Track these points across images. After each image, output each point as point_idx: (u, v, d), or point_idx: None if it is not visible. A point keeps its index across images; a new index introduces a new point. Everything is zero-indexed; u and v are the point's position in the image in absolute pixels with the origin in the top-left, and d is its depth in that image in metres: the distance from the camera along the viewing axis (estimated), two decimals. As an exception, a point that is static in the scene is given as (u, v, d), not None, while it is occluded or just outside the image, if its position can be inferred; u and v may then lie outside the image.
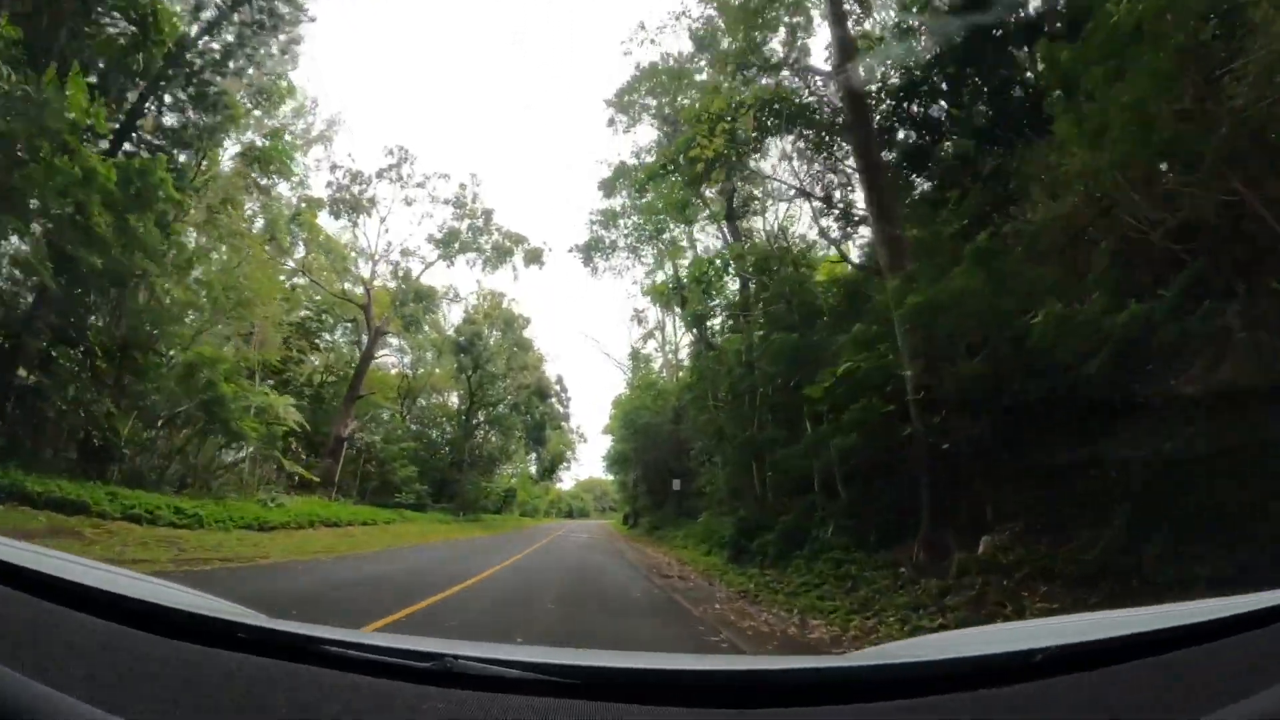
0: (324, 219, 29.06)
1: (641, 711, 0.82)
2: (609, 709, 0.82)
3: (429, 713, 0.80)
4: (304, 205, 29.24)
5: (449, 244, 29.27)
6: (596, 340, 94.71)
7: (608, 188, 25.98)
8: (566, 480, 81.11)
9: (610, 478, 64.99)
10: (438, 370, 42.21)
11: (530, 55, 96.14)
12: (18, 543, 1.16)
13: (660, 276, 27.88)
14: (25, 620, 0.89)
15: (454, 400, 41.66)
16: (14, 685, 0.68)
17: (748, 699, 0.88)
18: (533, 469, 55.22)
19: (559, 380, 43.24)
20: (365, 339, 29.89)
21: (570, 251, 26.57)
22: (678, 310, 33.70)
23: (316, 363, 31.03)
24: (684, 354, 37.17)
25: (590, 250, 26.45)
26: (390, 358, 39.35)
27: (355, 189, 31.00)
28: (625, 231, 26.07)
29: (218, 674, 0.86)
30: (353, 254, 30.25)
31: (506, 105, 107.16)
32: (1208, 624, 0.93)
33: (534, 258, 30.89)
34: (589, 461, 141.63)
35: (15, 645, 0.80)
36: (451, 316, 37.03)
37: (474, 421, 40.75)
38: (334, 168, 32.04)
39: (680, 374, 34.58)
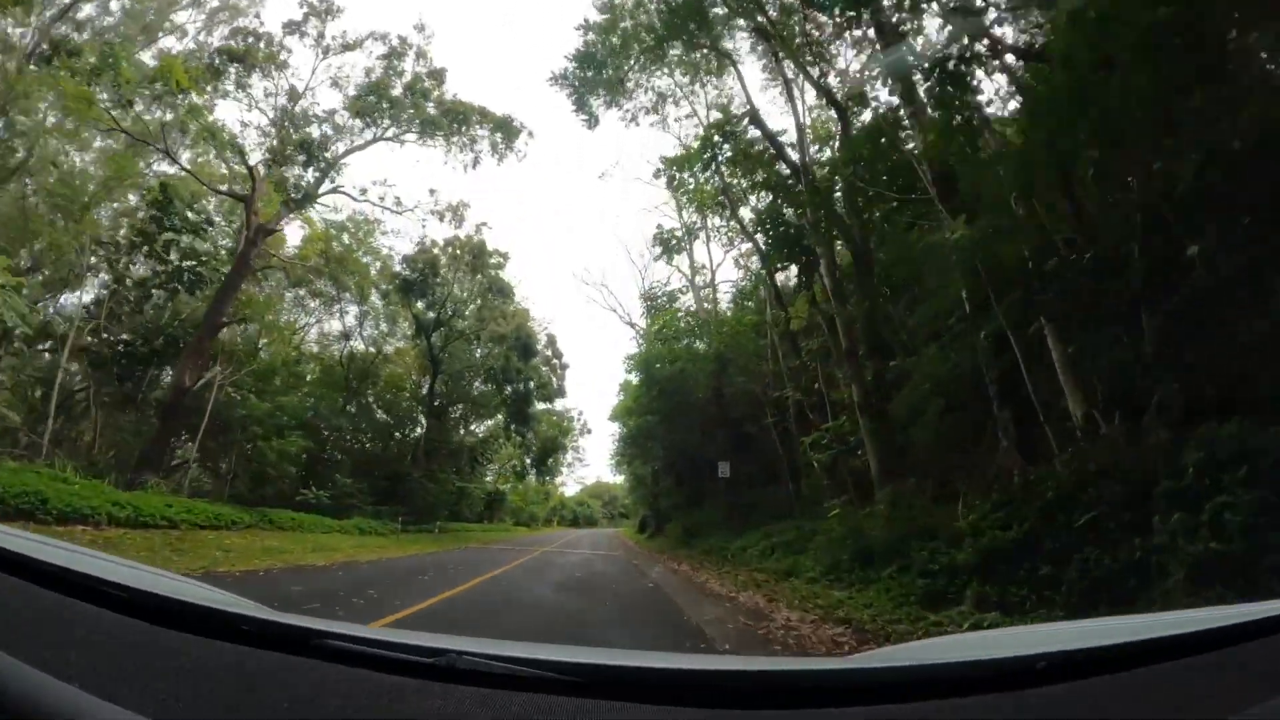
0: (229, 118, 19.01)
1: (645, 710, 0.80)
2: (613, 707, 0.81)
3: (431, 709, 0.79)
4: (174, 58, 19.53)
5: (375, 94, 19.07)
6: (603, 287, 63.66)
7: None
8: (571, 485, 70.46)
9: (619, 479, 54.14)
10: (396, 342, 32.04)
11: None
12: (21, 533, 1.16)
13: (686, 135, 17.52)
14: (28, 610, 0.89)
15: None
16: (16, 674, 0.67)
17: (750, 699, 0.86)
18: (529, 467, 44.52)
19: (550, 342, 32.72)
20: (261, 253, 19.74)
21: (551, 83, 16.27)
22: (711, 221, 23.44)
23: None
24: (725, 296, 26.72)
25: (583, 77, 16.11)
26: (334, 324, 29.41)
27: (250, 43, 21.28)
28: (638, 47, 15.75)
29: (220, 666, 0.85)
30: (241, 128, 20.20)
31: None
32: (1214, 631, 0.91)
33: (503, 133, 20.66)
34: (595, 463, 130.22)
35: (17, 634, 0.80)
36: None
37: (437, 401, 30.41)
38: (235, 33, 22.19)
39: (720, 320, 24.14)
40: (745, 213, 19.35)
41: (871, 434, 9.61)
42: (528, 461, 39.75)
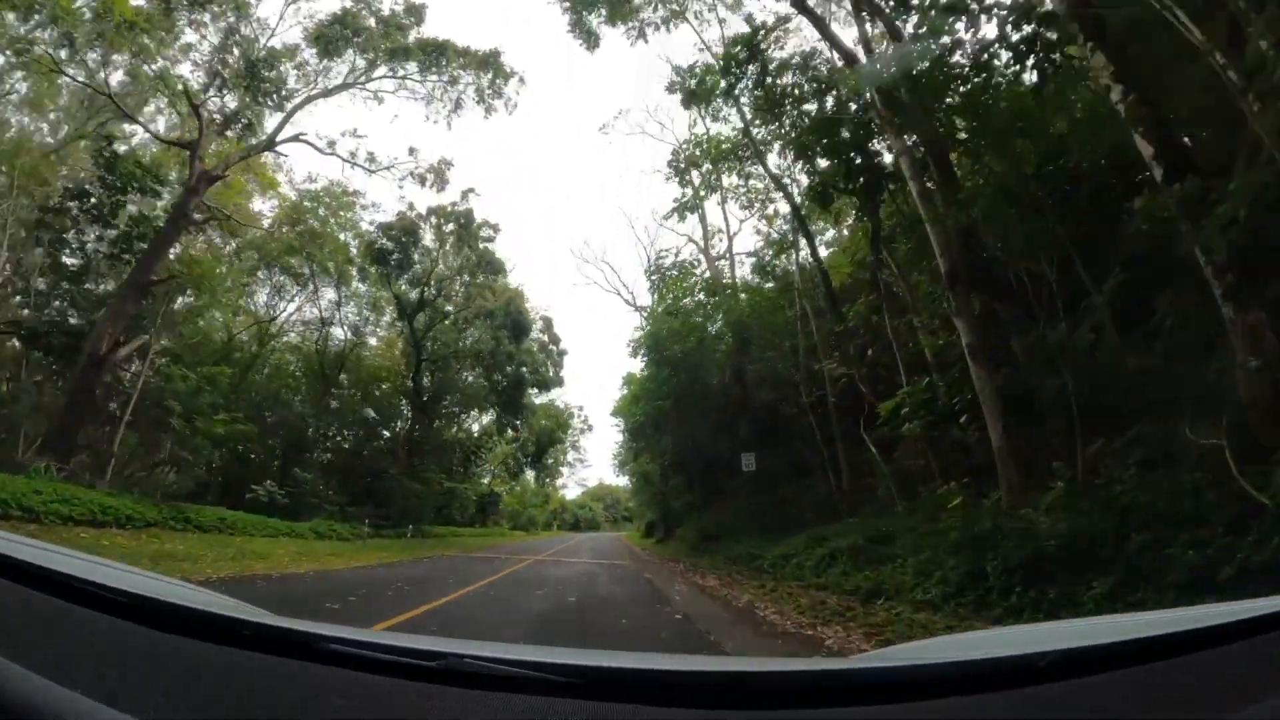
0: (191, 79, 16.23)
1: (645, 712, 0.79)
2: (613, 709, 0.80)
3: (432, 711, 0.79)
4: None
5: (342, 24, 16.33)
6: (604, 264, 54.88)
7: None
8: (572, 487, 67.38)
9: (623, 480, 50.95)
10: (379, 330, 29.26)
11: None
12: (23, 539, 1.15)
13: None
14: (29, 615, 0.88)
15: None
16: (17, 678, 0.67)
17: (750, 700, 0.85)
18: (524, 464, 41.53)
19: (546, 325, 29.80)
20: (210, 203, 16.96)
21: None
22: (728, 181, 20.51)
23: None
24: (741, 271, 23.71)
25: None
26: (311, 311, 26.66)
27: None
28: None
29: (222, 670, 0.85)
30: (192, 70, 17.49)
31: None
32: (1214, 628, 0.89)
33: (490, 72, 17.89)
34: (598, 465, 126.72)
35: (18, 639, 0.79)
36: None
37: (424, 395, 27.52)
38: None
39: (741, 286, 21.24)
40: (772, 161, 16.69)
41: (988, 388, 6.69)
42: (523, 458, 36.76)
